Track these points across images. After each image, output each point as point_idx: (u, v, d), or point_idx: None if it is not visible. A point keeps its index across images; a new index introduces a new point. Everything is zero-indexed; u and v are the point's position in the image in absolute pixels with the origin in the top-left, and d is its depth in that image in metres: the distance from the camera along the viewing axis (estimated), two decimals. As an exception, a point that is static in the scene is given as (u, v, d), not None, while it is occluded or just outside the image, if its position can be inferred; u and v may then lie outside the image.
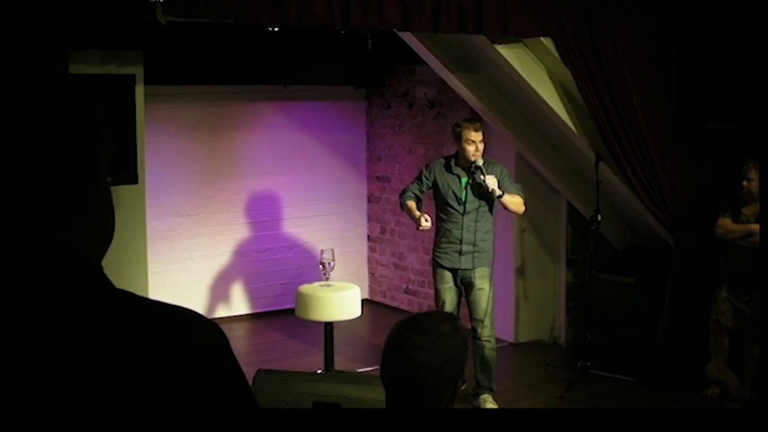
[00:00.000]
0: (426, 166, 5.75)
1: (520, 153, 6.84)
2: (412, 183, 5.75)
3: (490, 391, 5.61)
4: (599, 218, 5.99)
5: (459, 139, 5.45)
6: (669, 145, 5.79)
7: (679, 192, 5.87)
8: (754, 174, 5.43)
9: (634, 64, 5.61)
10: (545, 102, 5.85)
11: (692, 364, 5.92)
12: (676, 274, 5.97)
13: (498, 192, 5.38)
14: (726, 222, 5.59)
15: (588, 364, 6.08)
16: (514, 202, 5.50)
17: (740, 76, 5.47)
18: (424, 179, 5.64)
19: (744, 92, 5.45)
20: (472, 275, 5.53)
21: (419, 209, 5.62)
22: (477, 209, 5.50)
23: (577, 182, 6.72)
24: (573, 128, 5.95)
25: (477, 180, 5.42)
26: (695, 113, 5.71)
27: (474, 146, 5.39)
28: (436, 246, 5.65)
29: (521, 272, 7.16)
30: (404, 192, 5.73)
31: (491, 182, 5.36)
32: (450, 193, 5.52)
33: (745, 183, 5.48)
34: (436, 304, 5.70)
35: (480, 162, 5.40)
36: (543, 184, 6.95)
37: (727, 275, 5.62)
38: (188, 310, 1.06)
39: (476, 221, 5.50)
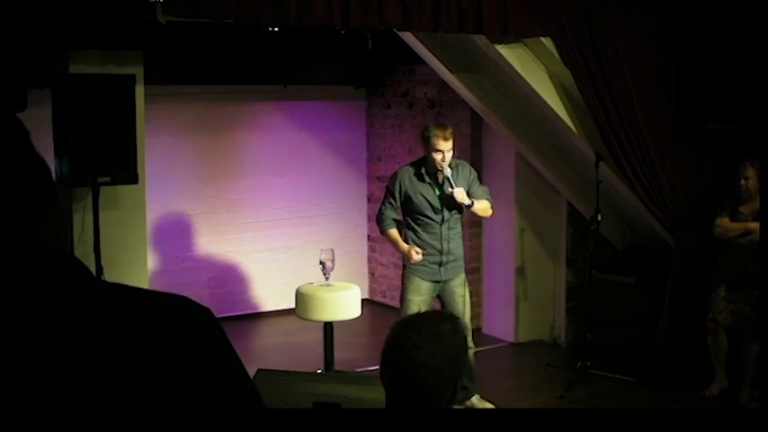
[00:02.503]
0: (393, 179, 5.36)
1: (520, 153, 6.84)
2: (384, 204, 5.38)
3: (475, 391, 5.54)
4: (599, 218, 6.00)
5: (427, 145, 5.14)
6: (669, 145, 5.80)
7: (679, 192, 5.87)
8: (750, 172, 5.46)
9: (634, 64, 5.61)
10: (545, 102, 5.85)
11: (692, 364, 5.92)
12: (676, 274, 5.97)
13: (468, 201, 5.19)
14: (724, 221, 5.60)
15: (588, 364, 6.08)
16: (483, 208, 5.33)
17: (740, 76, 5.47)
18: (396, 196, 5.29)
19: (744, 92, 5.45)
20: (452, 285, 5.35)
21: (403, 236, 5.35)
22: (452, 216, 5.30)
23: (577, 182, 6.72)
24: (573, 128, 5.95)
25: (446, 192, 5.20)
26: (695, 113, 5.71)
27: (441, 155, 5.10)
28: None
29: (521, 272, 7.15)
30: (380, 217, 5.40)
31: (459, 195, 5.15)
32: (425, 202, 5.25)
33: (742, 181, 5.51)
34: (399, 313, 5.28)
35: (448, 173, 5.12)
36: (543, 184, 6.95)
37: (725, 275, 5.64)
38: (179, 297, 1.06)
39: (450, 229, 5.30)
